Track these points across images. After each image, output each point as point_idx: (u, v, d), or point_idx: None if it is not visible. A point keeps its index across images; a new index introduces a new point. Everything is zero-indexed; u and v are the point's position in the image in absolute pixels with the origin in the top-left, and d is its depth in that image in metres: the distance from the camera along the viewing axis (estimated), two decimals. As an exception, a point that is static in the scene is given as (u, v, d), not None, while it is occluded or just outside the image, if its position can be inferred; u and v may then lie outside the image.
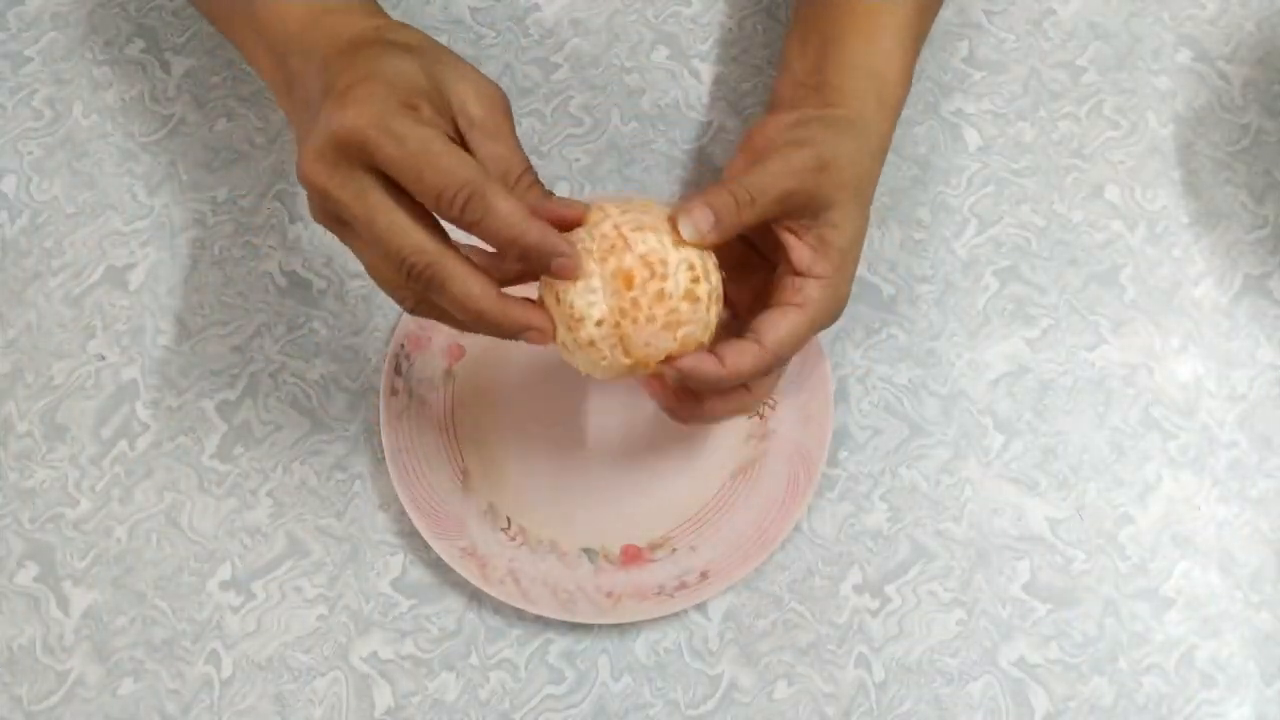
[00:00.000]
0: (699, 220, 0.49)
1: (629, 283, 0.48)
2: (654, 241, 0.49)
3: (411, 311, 0.50)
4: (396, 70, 0.47)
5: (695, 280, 0.49)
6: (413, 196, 0.46)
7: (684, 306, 0.49)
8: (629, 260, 0.48)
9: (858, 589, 0.60)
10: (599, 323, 0.48)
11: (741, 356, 0.51)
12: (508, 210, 0.45)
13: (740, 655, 0.59)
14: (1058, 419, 0.63)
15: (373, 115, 0.45)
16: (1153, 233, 0.67)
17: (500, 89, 0.50)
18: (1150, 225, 0.67)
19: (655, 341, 0.49)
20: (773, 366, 0.52)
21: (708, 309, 0.50)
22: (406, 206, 0.46)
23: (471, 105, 0.49)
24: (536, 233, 0.46)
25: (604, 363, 0.50)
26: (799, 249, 0.52)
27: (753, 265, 0.56)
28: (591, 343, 0.49)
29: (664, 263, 0.49)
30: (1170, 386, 0.63)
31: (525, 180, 0.49)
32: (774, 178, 0.50)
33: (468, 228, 0.46)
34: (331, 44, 0.50)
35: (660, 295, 0.48)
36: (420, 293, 0.48)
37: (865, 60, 0.57)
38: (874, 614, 0.60)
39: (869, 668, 0.59)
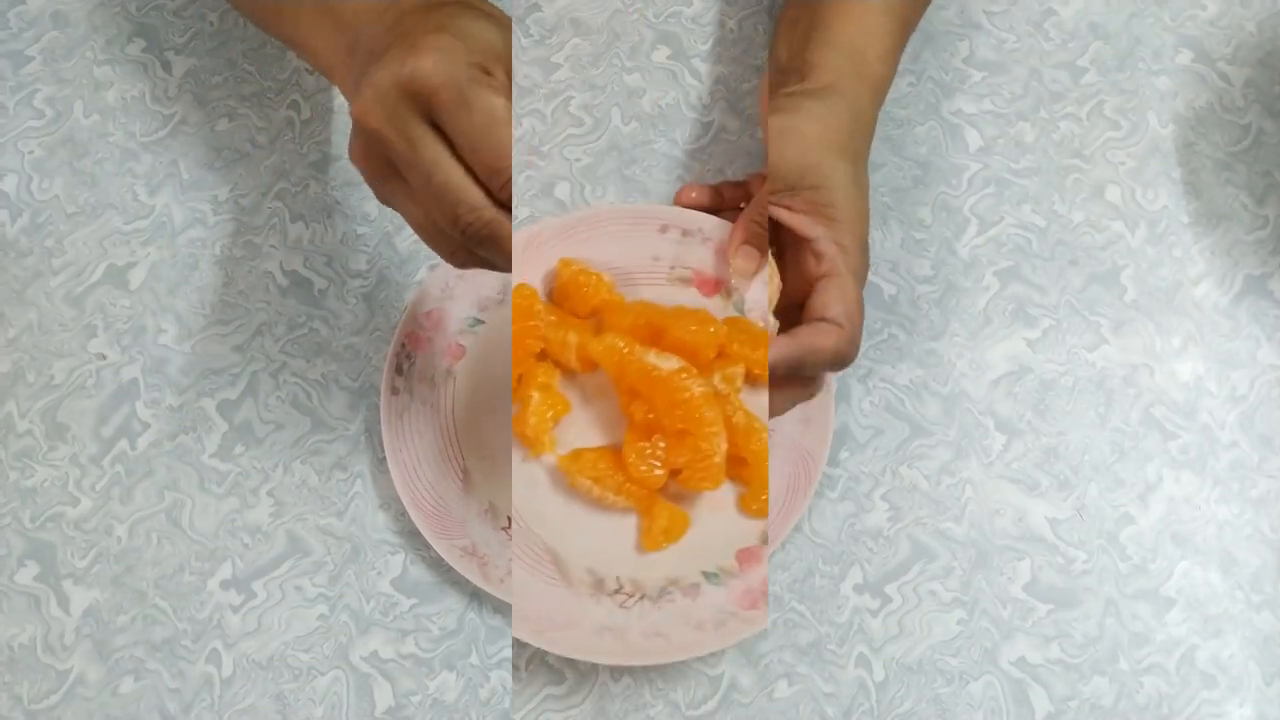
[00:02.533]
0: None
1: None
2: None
3: (453, 263, 0.49)
4: (471, 29, 0.46)
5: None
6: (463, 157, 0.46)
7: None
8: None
9: (858, 588, 0.60)
10: None
11: (816, 336, 0.53)
12: None
13: (740, 655, 0.59)
14: (1058, 419, 0.63)
15: (444, 70, 0.44)
16: (1153, 233, 0.67)
17: None
18: (1151, 226, 0.67)
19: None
20: (854, 338, 0.54)
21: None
22: (460, 161, 0.46)
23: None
24: None
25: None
26: (796, 219, 0.55)
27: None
28: None
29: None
30: (1171, 387, 0.63)
31: None
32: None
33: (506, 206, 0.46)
34: (410, 2, 0.49)
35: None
36: (469, 246, 0.47)
37: (844, 40, 0.58)
38: (874, 614, 0.60)
39: (869, 667, 0.59)
